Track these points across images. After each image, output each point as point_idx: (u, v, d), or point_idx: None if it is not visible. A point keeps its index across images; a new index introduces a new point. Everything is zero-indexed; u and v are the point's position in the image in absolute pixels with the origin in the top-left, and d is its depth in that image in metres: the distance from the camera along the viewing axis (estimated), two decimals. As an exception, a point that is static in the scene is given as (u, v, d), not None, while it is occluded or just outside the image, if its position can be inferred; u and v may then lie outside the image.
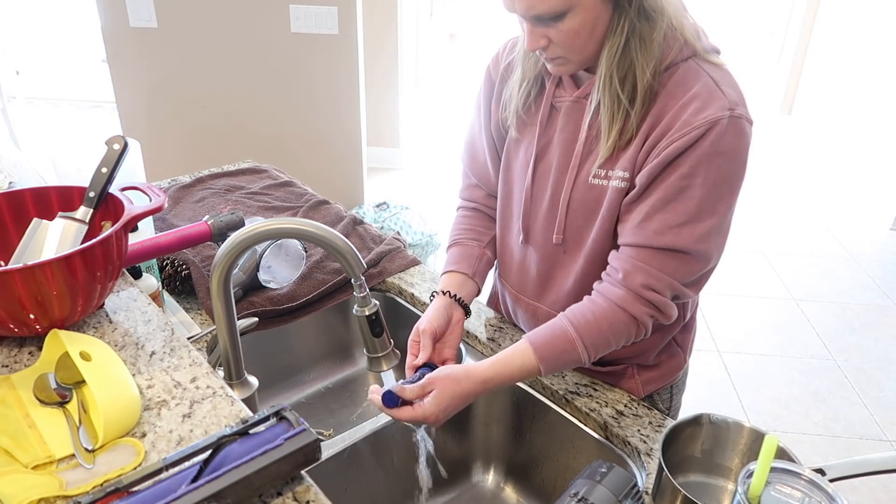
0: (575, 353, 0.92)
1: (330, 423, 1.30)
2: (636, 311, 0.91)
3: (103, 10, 2.70)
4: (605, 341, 0.93)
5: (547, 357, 0.92)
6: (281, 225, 0.82)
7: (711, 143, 0.84)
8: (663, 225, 0.88)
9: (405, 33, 3.88)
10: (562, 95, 0.97)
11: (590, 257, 0.99)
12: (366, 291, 0.87)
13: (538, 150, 1.01)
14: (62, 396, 0.74)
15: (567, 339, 0.92)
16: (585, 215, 0.97)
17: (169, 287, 1.28)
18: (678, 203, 0.87)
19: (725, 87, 0.86)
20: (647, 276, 0.90)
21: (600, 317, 0.92)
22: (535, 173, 1.02)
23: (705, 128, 0.83)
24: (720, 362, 2.66)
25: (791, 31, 5.23)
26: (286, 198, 1.64)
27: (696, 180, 0.85)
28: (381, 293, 1.37)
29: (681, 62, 0.88)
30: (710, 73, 0.87)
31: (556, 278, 1.06)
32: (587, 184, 0.95)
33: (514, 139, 1.05)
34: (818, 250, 3.55)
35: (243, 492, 0.62)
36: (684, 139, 0.84)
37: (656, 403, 1.15)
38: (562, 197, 0.98)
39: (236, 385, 0.96)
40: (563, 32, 0.84)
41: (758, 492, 0.68)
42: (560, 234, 1.00)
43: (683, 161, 0.85)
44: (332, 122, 2.92)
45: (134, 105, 2.91)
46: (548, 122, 1.00)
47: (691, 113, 0.84)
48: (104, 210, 0.91)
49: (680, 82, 0.87)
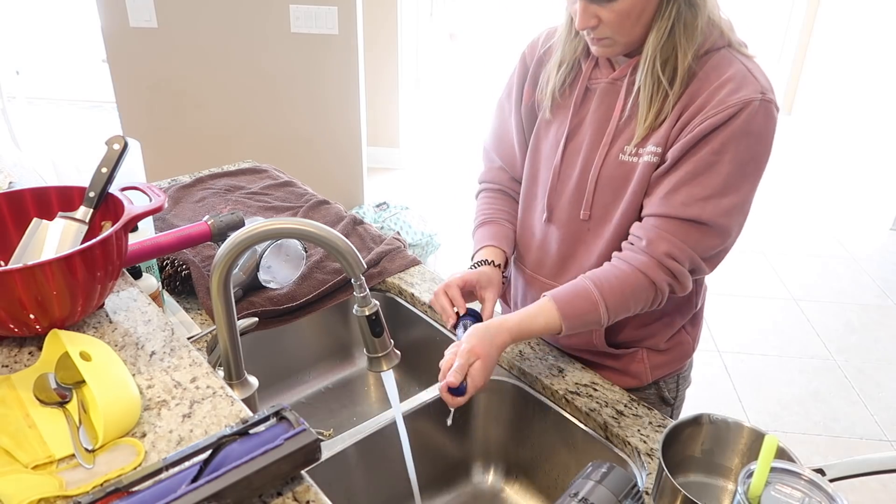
0: (596, 313, 0.96)
1: (330, 423, 1.30)
2: (657, 278, 0.95)
3: (103, 10, 2.70)
4: (625, 305, 0.97)
5: (570, 315, 0.95)
6: (281, 225, 0.82)
7: (743, 122, 0.89)
8: (690, 197, 0.92)
9: (405, 33, 3.88)
10: (598, 77, 1.01)
11: (616, 233, 1.02)
12: (366, 291, 0.86)
13: (570, 130, 1.04)
14: (62, 396, 0.74)
15: (591, 299, 0.96)
16: (614, 191, 1.00)
17: (169, 287, 1.28)
18: (706, 177, 0.91)
19: (758, 74, 0.91)
20: (670, 245, 0.94)
21: (623, 280, 0.96)
22: (564, 151, 1.05)
23: (738, 107, 0.88)
24: (720, 362, 2.66)
25: (791, 31, 5.22)
26: (286, 198, 1.64)
27: (726, 157, 0.90)
28: (381, 293, 1.37)
29: (716, 50, 0.93)
30: (743, 61, 0.93)
31: (577, 256, 1.08)
32: (617, 160, 0.99)
33: (546, 120, 1.09)
34: (818, 250, 3.55)
35: (243, 492, 0.62)
36: (717, 116, 0.89)
37: (661, 391, 1.16)
38: (591, 174, 1.01)
39: (236, 385, 0.96)
40: (615, 13, 0.89)
41: (758, 492, 0.68)
42: (587, 211, 1.03)
43: (715, 137, 0.90)
44: (332, 122, 2.92)
45: (134, 105, 2.90)
46: (582, 103, 1.03)
47: (726, 93, 0.89)
48: (104, 210, 0.91)
49: (715, 66, 0.92)
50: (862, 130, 4.79)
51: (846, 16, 4.83)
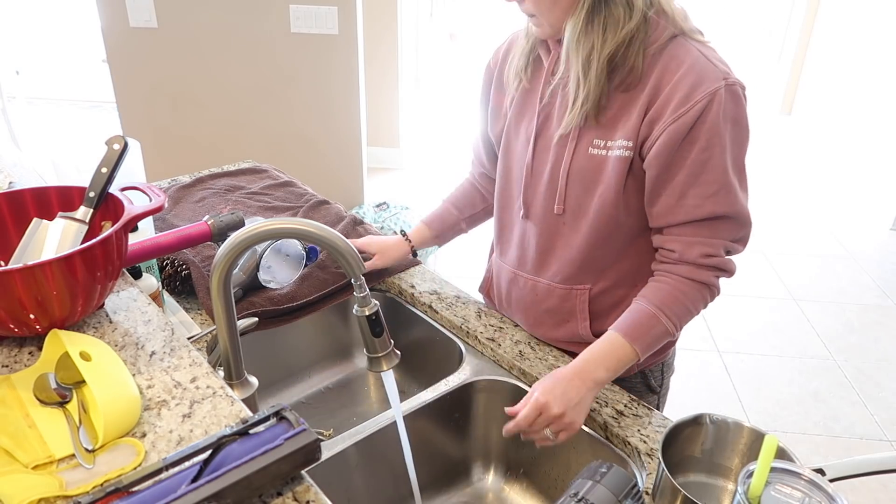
0: (661, 325, 0.97)
1: (330, 423, 1.30)
2: (704, 278, 0.98)
3: (103, 10, 2.70)
4: (685, 309, 0.99)
5: (637, 337, 0.97)
6: (281, 225, 0.82)
7: (716, 113, 0.90)
8: (699, 198, 0.95)
9: (405, 33, 3.88)
10: (558, 73, 1.03)
11: (593, 226, 1.03)
12: (366, 291, 0.87)
13: (538, 126, 1.06)
14: (62, 396, 0.74)
15: (649, 314, 0.97)
16: (585, 185, 1.02)
17: (169, 287, 1.28)
18: (706, 174, 0.93)
19: (715, 59, 0.93)
20: (701, 245, 0.97)
21: (674, 289, 0.98)
22: (535, 148, 1.07)
23: (707, 100, 0.90)
24: (720, 362, 2.66)
25: (791, 31, 5.22)
26: (286, 198, 1.64)
27: (715, 150, 0.92)
28: (381, 293, 1.37)
29: (670, 39, 0.94)
30: (699, 48, 0.94)
31: (555, 250, 1.09)
32: (587, 154, 1.00)
33: (514, 120, 1.10)
34: (818, 250, 3.55)
35: (243, 492, 0.62)
36: (689, 114, 0.90)
37: (647, 379, 1.18)
38: (561, 168, 1.03)
39: (236, 385, 0.96)
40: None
41: (758, 492, 0.68)
42: (561, 205, 1.04)
43: (697, 135, 0.92)
44: (333, 122, 2.92)
45: (134, 105, 2.90)
46: (548, 97, 1.04)
47: (689, 87, 0.91)
48: (104, 210, 0.91)
49: (673, 56, 0.93)
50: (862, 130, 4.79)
51: (846, 16, 4.83)
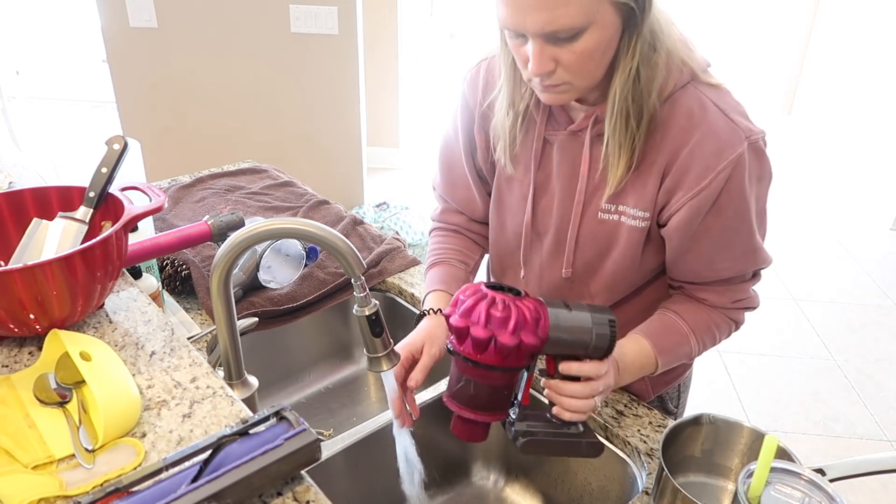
0: (688, 346, 0.97)
1: (330, 423, 1.30)
2: (733, 316, 0.99)
3: (103, 10, 2.70)
4: (713, 338, 0.99)
5: (665, 351, 0.95)
6: (281, 225, 0.82)
7: (741, 179, 0.84)
8: (729, 261, 0.93)
9: (405, 33, 3.88)
10: (555, 129, 0.93)
11: (607, 286, 0.99)
12: (366, 291, 0.86)
13: (536, 186, 0.97)
14: (62, 396, 0.74)
15: (682, 333, 0.97)
16: (597, 250, 0.96)
17: (169, 287, 1.28)
18: (735, 238, 0.91)
19: (732, 114, 0.84)
20: (731, 293, 0.97)
21: (708, 318, 0.98)
22: (535, 208, 0.99)
23: (730, 168, 0.83)
24: (720, 362, 2.66)
25: (791, 31, 5.22)
26: (286, 198, 1.64)
27: (746, 216, 0.88)
28: (381, 293, 1.37)
29: (680, 88, 0.84)
30: (714, 99, 0.84)
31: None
32: (596, 219, 0.93)
33: (507, 176, 1.01)
34: (818, 250, 3.55)
35: (243, 492, 0.62)
36: (713, 186, 0.84)
37: (665, 403, 1.16)
38: (569, 233, 0.96)
39: (236, 385, 0.96)
40: (576, 53, 0.76)
41: (758, 492, 0.68)
42: (569, 269, 0.99)
43: (722, 206, 0.86)
44: (332, 122, 2.92)
45: (134, 105, 2.90)
46: (542, 157, 0.95)
47: (711, 156, 0.83)
48: (104, 210, 0.91)
49: (687, 114, 0.84)
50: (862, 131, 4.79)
51: (846, 16, 4.83)
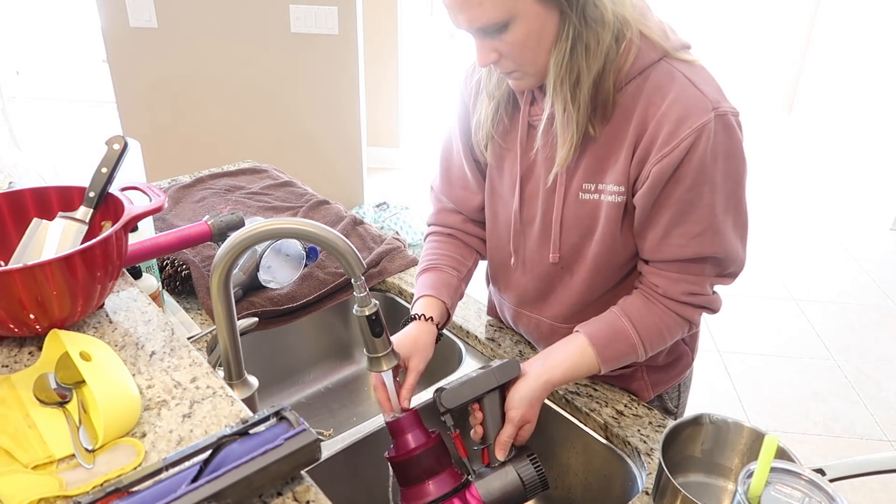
0: (631, 346, 0.94)
1: (330, 423, 1.30)
2: (687, 314, 0.94)
3: (103, 10, 2.70)
4: (660, 337, 0.96)
5: (606, 348, 0.94)
6: (281, 225, 0.82)
7: (703, 150, 0.82)
8: (684, 238, 0.89)
9: (405, 33, 3.88)
10: (537, 114, 0.94)
11: (592, 271, 0.99)
12: (366, 291, 0.86)
13: (523, 172, 0.98)
14: (62, 396, 0.74)
15: (624, 332, 0.94)
16: (581, 232, 0.96)
17: (169, 287, 1.28)
18: (692, 214, 0.87)
19: (702, 86, 0.84)
20: (685, 284, 0.92)
21: (656, 316, 0.94)
22: (522, 195, 1.00)
23: (693, 136, 0.82)
24: (720, 362, 2.66)
25: (791, 30, 5.23)
26: (286, 198, 1.64)
27: (703, 189, 0.85)
28: (381, 293, 1.37)
29: (652, 65, 0.85)
30: (684, 72, 0.85)
31: (555, 293, 1.05)
32: (578, 200, 0.93)
33: (495, 164, 1.02)
34: (818, 250, 3.55)
35: (243, 492, 0.62)
36: (675, 153, 0.83)
37: (665, 403, 1.15)
38: (553, 216, 0.96)
39: (236, 385, 0.96)
40: (510, 44, 0.82)
41: (758, 492, 0.68)
42: (556, 254, 0.98)
43: (683, 174, 0.84)
44: (333, 122, 2.92)
45: (134, 105, 2.91)
46: (527, 142, 0.97)
47: (674, 122, 0.82)
48: (104, 210, 0.91)
49: (656, 86, 0.84)
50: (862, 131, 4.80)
51: (846, 16, 4.83)
